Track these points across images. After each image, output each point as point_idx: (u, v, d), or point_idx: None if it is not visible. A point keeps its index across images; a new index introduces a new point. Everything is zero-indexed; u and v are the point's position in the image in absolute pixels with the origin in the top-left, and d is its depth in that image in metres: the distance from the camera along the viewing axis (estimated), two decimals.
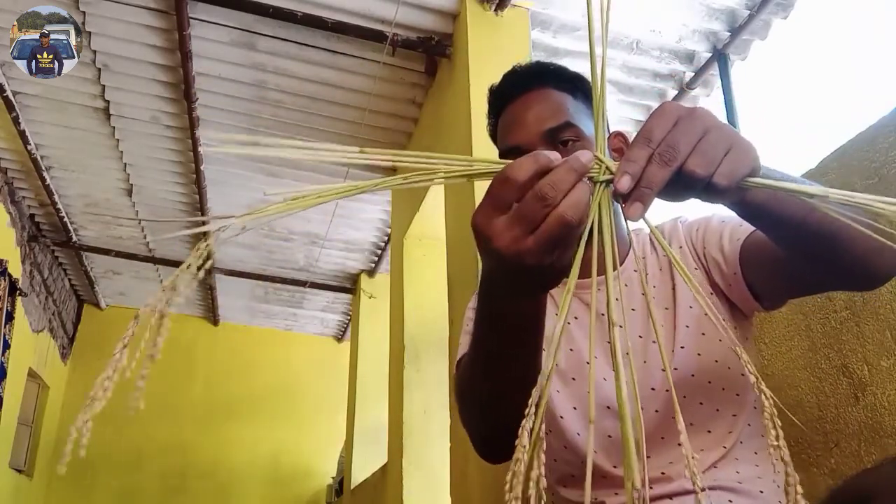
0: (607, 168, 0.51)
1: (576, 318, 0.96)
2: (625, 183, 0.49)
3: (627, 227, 0.99)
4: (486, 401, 0.76)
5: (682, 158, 0.49)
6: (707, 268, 0.91)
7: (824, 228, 0.66)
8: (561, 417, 0.92)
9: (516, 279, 0.57)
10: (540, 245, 0.50)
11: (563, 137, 0.90)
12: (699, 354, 0.87)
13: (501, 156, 0.96)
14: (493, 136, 1.02)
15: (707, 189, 0.51)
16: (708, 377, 0.86)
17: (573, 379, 0.93)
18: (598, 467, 0.87)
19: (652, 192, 0.49)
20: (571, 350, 0.94)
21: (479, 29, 2.91)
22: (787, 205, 0.64)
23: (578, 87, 0.95)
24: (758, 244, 0.83)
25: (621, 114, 3.67)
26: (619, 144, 0.99)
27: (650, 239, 0.99)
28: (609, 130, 0.99)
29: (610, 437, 0.87)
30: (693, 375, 0.86)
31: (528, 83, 0.95)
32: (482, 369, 0.73)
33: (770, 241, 0.74)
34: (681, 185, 0.50)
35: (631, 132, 3.78)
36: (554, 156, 0.51)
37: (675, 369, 0.86)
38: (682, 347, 0.88)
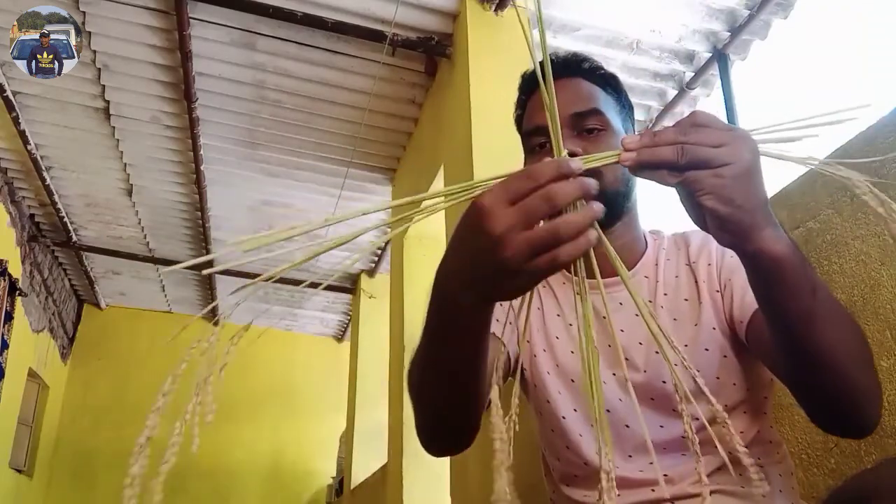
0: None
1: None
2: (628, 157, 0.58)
3: (644, 231, 0.98)
4: (424, 397, 0.78)
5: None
6: (725, 295, 0.88)
7: (814, 339, 0.64)
8: (563, 418, 0.92)
9: (481, 271, 0.56)
10: (527, 244, 0.51)
11: (588, 125, 0.89)
12: (717, 378, 0.85)
13: (525, 135, 0.95)
14: (519, 122, 1.00)
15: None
16: (724, 400, 0.84)
17: (572, 381, 0.92)
18: (599, 468, 0.86)
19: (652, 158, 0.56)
20: (573, 352, 0.93)
21: (479, 29, 2.91)
22: (796, 286, 0.62)
23: (610, 84, 0.95)
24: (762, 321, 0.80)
25: None
26: None
27: (676, 243, 0.96)
28: (634, 129, 0.98)
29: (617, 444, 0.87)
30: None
31: (561, 71, 0.93)
32: (423, 366, 0.74)
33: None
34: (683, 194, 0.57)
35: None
36: (576, 165, 0.53)
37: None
38: (697, 371, 0.85)
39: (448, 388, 0.73)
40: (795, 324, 0.64)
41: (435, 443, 0.83)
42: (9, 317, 4.73)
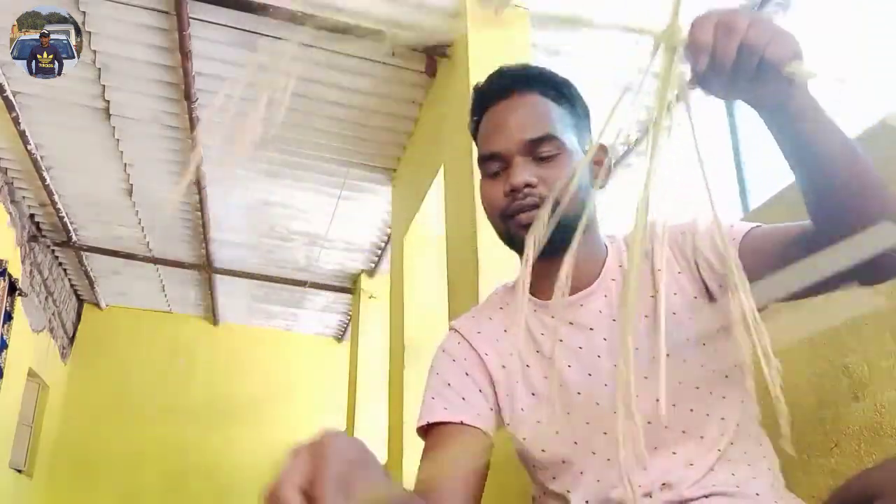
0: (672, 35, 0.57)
1: (561, 340, 0.92)
2: (703, 61, 0.56)
3: (603, 238, 0.97)
4: None
5: (743, 32, 0.56)
6: (698, 270, 0.89)
7: (858, 168, 0.67)
8: (563, 462, 0.89)
9: None
10: None
11: (542, 151, 0.88)
12: (685, 361, 0.85)
13: (481, 160, 0.94)
14: (475, 134, 0.99)
15: (761, 68, 0.57)
16: (695, 382, 0.85)
17: (568, 413, 0.89)
18: (611, 498, 0.84)
19: (725, 64, 0.56)
20: (560, 386, 0.90)
21: (479, 29, 2.90)
22: (828, 129, 0.65)
23: (565, 95, 0.93)
24: (756, 241, 0.82)
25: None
26: (601, 157, 0.95)
27: (628, 241, 0.96)
28: (591, 134, 0.97)
29: (608, 460, 0.85)
30: (680, 383, 0.84)
31: (514, 87, 0.92)
32: None
33: (795, 174, 0.73)
34: (741, 62, 0.56)
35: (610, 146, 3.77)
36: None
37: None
38: (667, 355, 0.86)
39: None
40: (832, 157, 0.67)
41: None
42: (8, 317, 4.73)
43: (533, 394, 0.91)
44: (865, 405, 1.06)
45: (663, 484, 0.83)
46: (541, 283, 0.93)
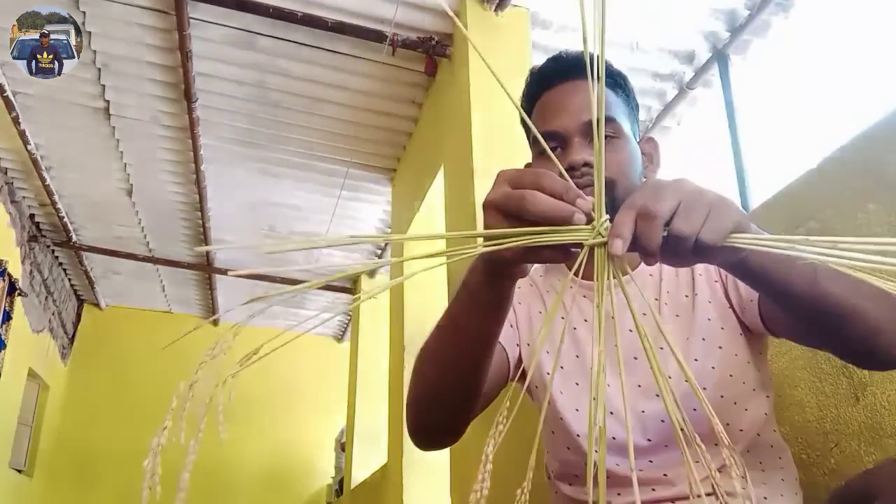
0: (599, 233, 0.52)
1: (585, 320, 0.96)
2: (617, 246, 0.51)
3: None
4: (434, 365, 0.81)
5: (665, 218, 0.52)
6: (725, 284, 0.91)
7: (829, 301, 0.65)
8: (561, 419, 0.93)
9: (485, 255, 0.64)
10: (495, 205, 0.58)
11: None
12: (713, 368, 0.87)
13: (535, 139, 0.96)
14: (522, 118, 1.02)
15: (697, 249, 0.52)
16: (720, 391, 0.86)
17: (577, 384, 0.93)
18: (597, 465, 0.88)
19: (652, 249, 0.52)
20: (577, 357, 0.95)
21: (479, 29, 2.90)
22: (789, 273, 0.63)
23: (620, 85, 0.97)
24: None
25: None
26: (650, 150, 0.99)
27: None
28: (640, 136, 1.00)
29: (614, 438, 0.87)
30: (705, 388, 0.85)
31: (573, 71, 0.94)
32: (442, 336, 0.78)
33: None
34: (672, 247, 0.53)
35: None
36: (574, 192, 0.55)
37: (687, 381, 0.86)
38: (696, 360, 0.87)
39: (459, 356, 0.77)
40: (803, 297, 0.66)
41: (426, 422, 0.87)
42: (8, 317, 4.73)
43: (547, 352, 0.97)
44: (865, 405, 1.06)
45: (665, 475, 0.84)
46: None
